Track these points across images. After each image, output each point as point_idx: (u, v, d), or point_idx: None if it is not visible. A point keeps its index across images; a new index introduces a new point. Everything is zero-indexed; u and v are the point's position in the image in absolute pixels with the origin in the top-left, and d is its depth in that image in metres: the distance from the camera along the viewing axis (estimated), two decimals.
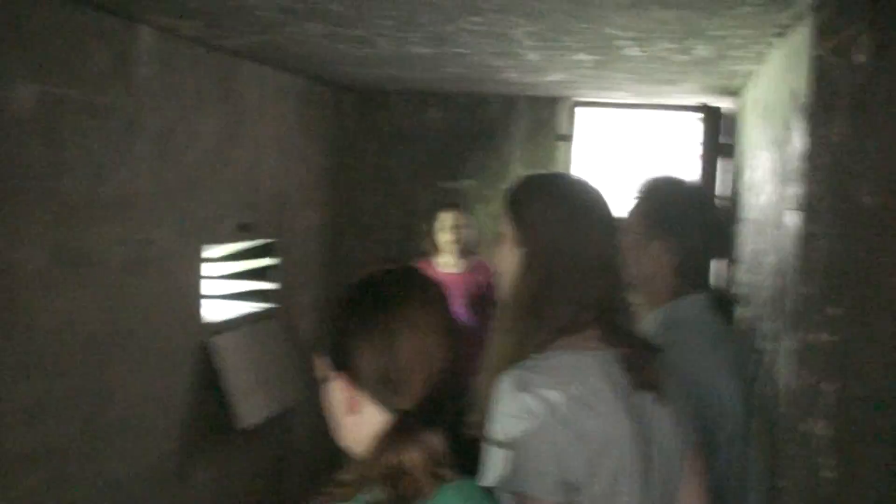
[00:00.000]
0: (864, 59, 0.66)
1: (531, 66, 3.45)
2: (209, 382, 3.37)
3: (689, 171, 4.09)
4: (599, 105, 4.83)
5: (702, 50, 2.78)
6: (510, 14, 2.43)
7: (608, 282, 1.49)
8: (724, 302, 2.12)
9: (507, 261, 1.56)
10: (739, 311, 2.85)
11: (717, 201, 2.14)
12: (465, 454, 1.24)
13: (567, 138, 4.84)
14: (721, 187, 3.95)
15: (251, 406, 3.51)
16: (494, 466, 1.33)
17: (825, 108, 0.72)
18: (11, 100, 2.33)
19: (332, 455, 1.17)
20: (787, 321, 0.76)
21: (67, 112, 2.56)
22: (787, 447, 0.77)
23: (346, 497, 1.11)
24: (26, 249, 2.42)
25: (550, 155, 4.82)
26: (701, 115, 4.06)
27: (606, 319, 1.47)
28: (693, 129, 4.17)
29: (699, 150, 4.03)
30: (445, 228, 4.13)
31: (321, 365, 1.23)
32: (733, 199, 3.52)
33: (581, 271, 1.47)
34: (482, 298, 4.05)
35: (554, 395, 1.35)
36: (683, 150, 4.78)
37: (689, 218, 2.04)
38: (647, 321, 2.10)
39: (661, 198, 2.07)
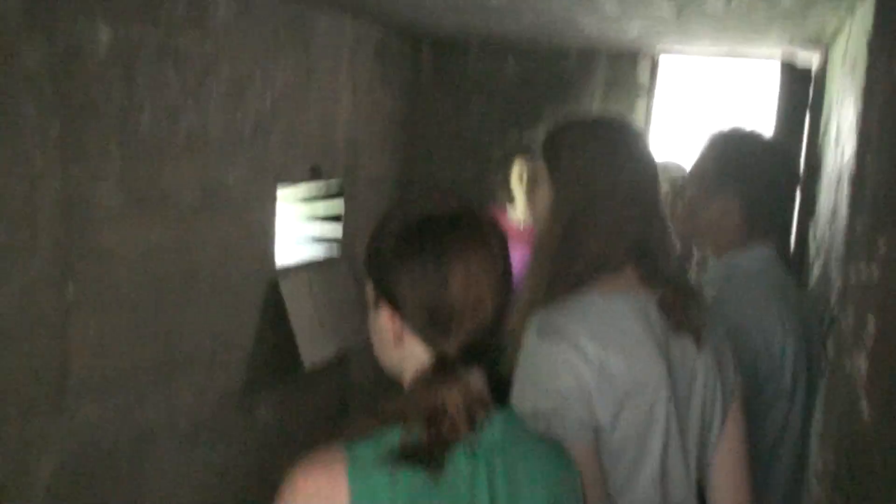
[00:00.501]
0: None
1: (609, 16, 3.37)
2: (276, 322, 3.46)
3: (772, 125, 3.96)
4: (682, 54, 4.69)
5: (787, 1, 2.67)
6: None
7: (644, 220, 1.47)
8: (791, 256, 2.08)
9: (541, 202, 1.55)
10: (815, 267, 2.78)
11: (794, 156, 2.09)
12: (499, 390, 1.24)
13: (647, 92, 4.73)
14: (804, 143, 3.83)
15: (315, 347, 3.59)
16: (521, 406, 1.34)
17: (885, 40, 0.69)
18: (90, 41, 2.40)
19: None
20: (840, 258, 0.75)
21: (144, 54, 2.62)
22: (833, 385, 0.76)
23: (384, 425, 1.12)
24: (102, 187, 2.51)
25: (630, 109, 4.73)
26: (784, 69, 3.92)
27: (645, 261, 1.45)
28: (777, 82, 4.03)
29: (782, 104, 3.90)
30: (518, 178, 4.09)
31: (369, 290, 1.23)
32: (816, 155, 3.41)
33: (613, 207, 1.45)
34: None
35: (581, 338, 1.35)
36: (766, 105, 4.63)
37: (759, 169, 1.99)
38: (712, 270, 2.08)
39: (731, 148, 2.04)
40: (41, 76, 2.24)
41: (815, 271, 2.78)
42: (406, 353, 1.19)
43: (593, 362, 1.34)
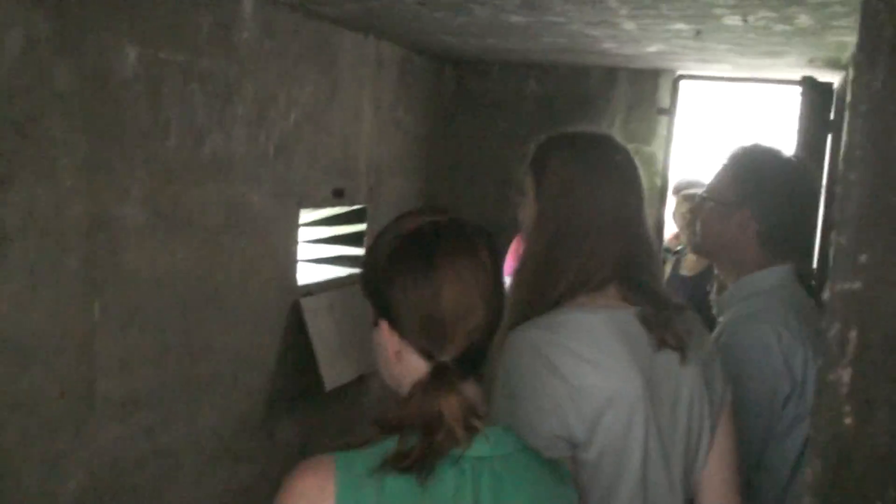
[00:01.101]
0: None
1: (629, 36, 3.38)
2: (298, 343, 3.47)
3: (793, 145, 3.95)
4: (702, 78, 4.70)
5: (804, 19, 2.67)
6: None
7: (626, 239, 1.48)
8: (808, 275, 2.07)
9: (527, 216, 1.57)
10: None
11: (814, 174, 2.09)
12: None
13: (668, 112, 4.74)
14: (827, 162, 3.81)
15: (337, 368, 3.60)
16: (497, 419, 1.36)
17: (869, 54, 0.70)
18: (117, 63, 2.44)
19: None
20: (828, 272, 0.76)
21: (170, 76, 2.65)
22: (820, 397, 0.76)
23: (380, 437, 1.14)
24: (128, 207, 2.53)
25: (651, 128, 4.73)
26: (804, 89, 3.91)
27: (627, 277, 1.46)
28: (797, 102, 4.02)
29: (803, 124, 3.89)
30: None
31: (369, 309, 1.26)
32: (838, 174, 3.39)
33: (595, 227, 1.47)
34: None
35: (556, 352, 1.36)
36: (788, 125, 4.62)
37: (778, 186, 1.99)
38: (730, 290, 2.07)
39: (749, 166, 2.04)
40: (70, 96, 2.27)
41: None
42: (405, 367, 1.21)
43: (567, 377, 1.35)
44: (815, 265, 3.22)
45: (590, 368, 1.36)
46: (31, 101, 2.16)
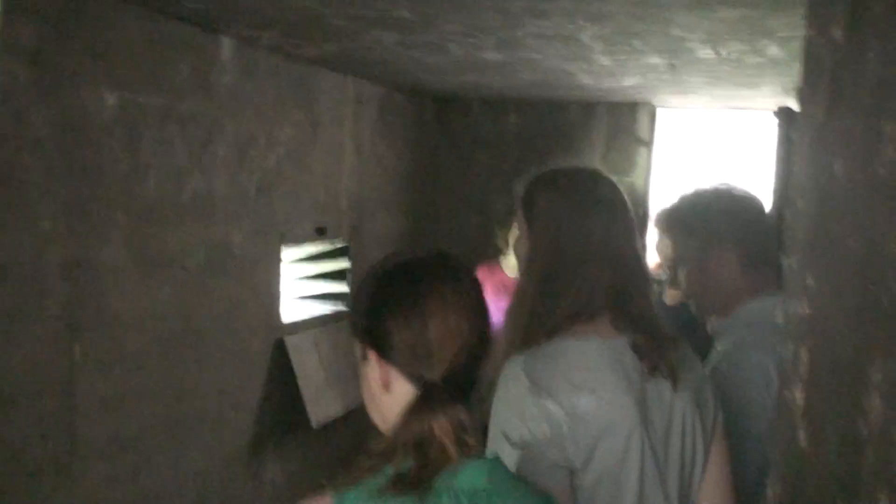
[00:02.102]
0: (841, 35, 0.66)
1: (605, 70, 3.44)
2: (283, 381, 3.47)
3: (772, 174, 3.99)
4: (680, 107, 4.76)
5: (775, 51, 2.73)
6: (575, 17, 2.43)
7: (616, 270, 1.51)
8: None
9: (521, 251, 1.60)
10: None
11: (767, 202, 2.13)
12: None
13: (648, 144, 4.79)
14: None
15: (322, 405, 3.59)
16: (494, 448, 1.38)
17: (811, 85, 0.73)
18: (96, 108, 2.46)
19: None
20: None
21: (149, 119, 2.68)
22: (778, 417, 0.78)
23: (374, 469, 1.15)
24: (109, 250, 2.54)
25: (631, 160, 4.78)
26: (781, 118, 3.96)
27: (619, 307, 1.49)
28: (772, 131, 4.07)
29: (780, 152, 3.93)
30: (514, 231, 4.12)
31: (356, 346, 1.28)
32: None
33: (585, 260, 1.50)
34: None
35: (553, 382, 1.39)
36: (766, 154, 4.67)
37: (749, 217, 2.03)
38: (726, 322, 2.09)
39: (712, 204, 2.08)
40: (47, 141, 2.29)
41: None
42: (394, 398, 1.23)
43: (565, 406, 1.37)
44: None
45: (585, 396, 1.38)
46: (8, 148, 2.18)
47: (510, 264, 4.12)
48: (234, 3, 2.48)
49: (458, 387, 1.22)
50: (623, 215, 1.57)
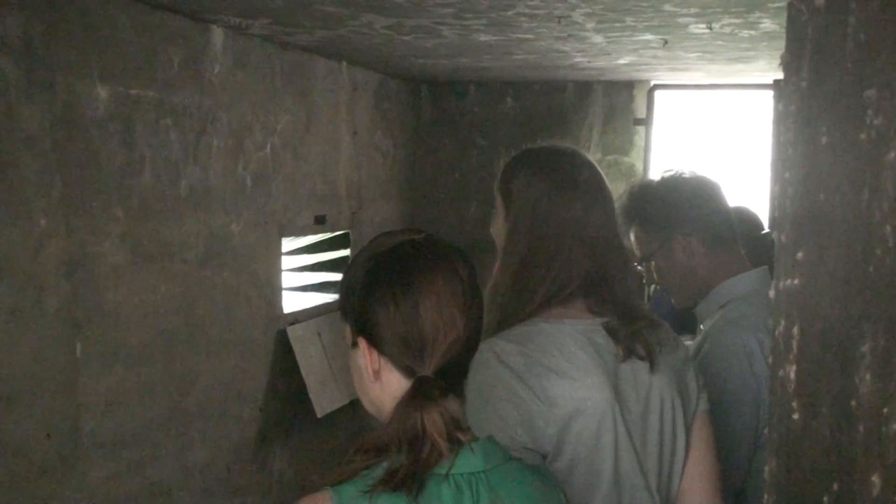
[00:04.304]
0: (823, 3, 0.65)
1: (598, 49, 3.41)
2: (286, 371, 3.47)
3: (769, 149, 3.98)
4: (677, 87, 4.74)
5: (768, 23, 2.70)
6: None
7: (594, 254, 1.49)
8: None
9: (499, 234, 1.58)
10: None
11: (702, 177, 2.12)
12: None
13: (645, 122, 4.77)
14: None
15: (327, 395, 3.59)
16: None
17: (795, 54, 0.71)
18: (89, 101, 2.45)
19: None
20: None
21: (143, 111, 2.67)
22: (772, 393, 0.77)
23: (367, 464, 1.14)
24: (106, 245, 2.54)
25: (628, 139, 4.76)
26: (776, 92, 3.94)
27: (594, 291, 1.47)
28: (771, 106, 4.05)
29: (774, 127, 3.93)
30: None
31: (347, 331, 1.25)
32: None
33: (563, 244, 1.48)
34: None
35: (521, 363, 1.37)
36: (763, 128, 4.65)
37: (696, 198, 2.04)
38: (708, 298, 2.08)
39: (656, 198, 2.08)
40: (41, 137, 2.29)
41: None
42: (385, 386, 1.21)
43: (534, 388, 1.36)
44: None
45: (556, 378, 1.37)
46: (1, 145, 2.17)
47: None
48: None
49: (452, 377, 1.20)
50: (602, 198, 1.55)
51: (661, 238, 2.06)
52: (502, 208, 1.59)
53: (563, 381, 1.38)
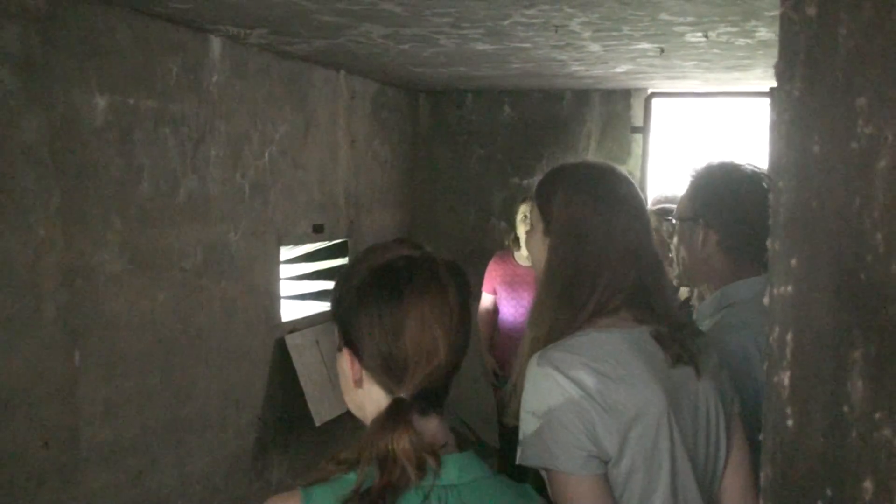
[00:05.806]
0: (814, 11, 0.66)
1: (595, 57, 3.43)
2: (285, 380, 3.47)
3: (766, 157, 3.99)
4: (674, 95, 4.76)
5: (764, 32, 2.72)
6: (562, 4, 2.43)
7: (637, 266, 1.51)
8: None
9: (538, 250, 1.59)
10: None
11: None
12: (507, 441, 1.26)
13: (642, 130, 4.78)
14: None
15: (325, 404, 3.59)
16: (527, 444, 1.37)
17: (788, 62, 0.72)
18: (87, 112, 2.46)
19: None
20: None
21: (142, 120, 2.67)
22: (766, 402, 0.78)
23: (339, 471, 1.15)
24: (105, 254, 2.54)
25: (626, 148, 4.78)
26: (772, 100, 3.95)
27: (638, 301, 1.50)
28: (765, 115, 4.06)
29: (769, 133, 3.93)
30: (522, 220, 4.10)
31: (336, 332, 1.25)
32: None
33: (608, 258, 1.50)
34: None
35: (580, 372, 1.39)
36: (760, 136, 4.66)
37: (730, 198, 2.02)
38: (708, 300, 2.09)
39: (702, 181, 2.07)
40: (40, 146, 2.29)
41: None
42: (366, 395, 1.22)
43: (594, 395, 1.37)
44: None
45: (614, 385, 1.39)
46: (0, 155, 2.18)
47: (522, 255, 4.09)
48: (220, 2, 2.47)
49: (431, 400, 1.19)
50: (641, 213, 1.58)
51: (693, 214, 2.07)
52: (541, 223, 1.60)
53: (621, 388, 1.39)
